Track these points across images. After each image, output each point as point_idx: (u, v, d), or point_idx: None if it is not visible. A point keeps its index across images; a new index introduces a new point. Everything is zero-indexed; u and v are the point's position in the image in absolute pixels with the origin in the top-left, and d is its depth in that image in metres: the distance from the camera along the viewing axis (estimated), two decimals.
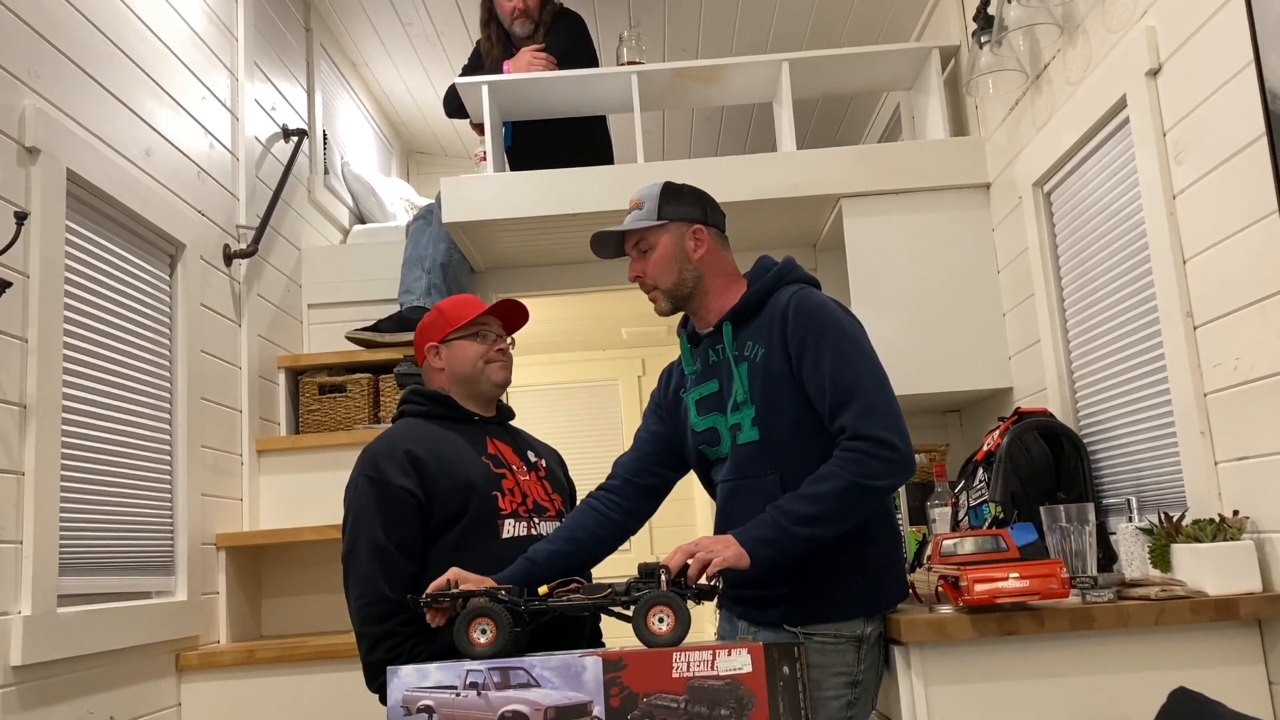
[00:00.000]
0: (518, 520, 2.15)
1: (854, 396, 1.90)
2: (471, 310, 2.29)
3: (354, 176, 4.47)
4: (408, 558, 2.07)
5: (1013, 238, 3.05)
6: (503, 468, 2.21)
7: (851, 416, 1.89)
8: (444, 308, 2.33)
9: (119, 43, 2.68)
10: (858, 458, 1.87)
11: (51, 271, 2.28)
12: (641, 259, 2.11)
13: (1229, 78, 1.95)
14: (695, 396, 2.12)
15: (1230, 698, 1.70)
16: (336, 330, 3.75)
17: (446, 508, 2.10)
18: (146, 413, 2.72)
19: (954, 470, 3.01)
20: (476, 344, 2.27)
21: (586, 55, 3.70)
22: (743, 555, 1.83)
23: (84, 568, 2.41)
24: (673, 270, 2.08)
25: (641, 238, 2.10)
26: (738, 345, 2.05)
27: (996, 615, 1.89)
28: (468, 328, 2.27)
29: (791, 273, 2.10)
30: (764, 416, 1.98)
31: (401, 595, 2.01)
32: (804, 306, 1.99)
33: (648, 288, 2.12)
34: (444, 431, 2.22)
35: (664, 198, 2.10)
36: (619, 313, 6.32)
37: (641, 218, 2.10)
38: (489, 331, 2.30)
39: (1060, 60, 2.67)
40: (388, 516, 2.08)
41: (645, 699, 1.67)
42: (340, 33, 4.42)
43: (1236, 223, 1.96)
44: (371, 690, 2.06)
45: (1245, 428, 1.98)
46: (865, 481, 1.86)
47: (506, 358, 2.31)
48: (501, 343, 2.31)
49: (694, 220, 2.10)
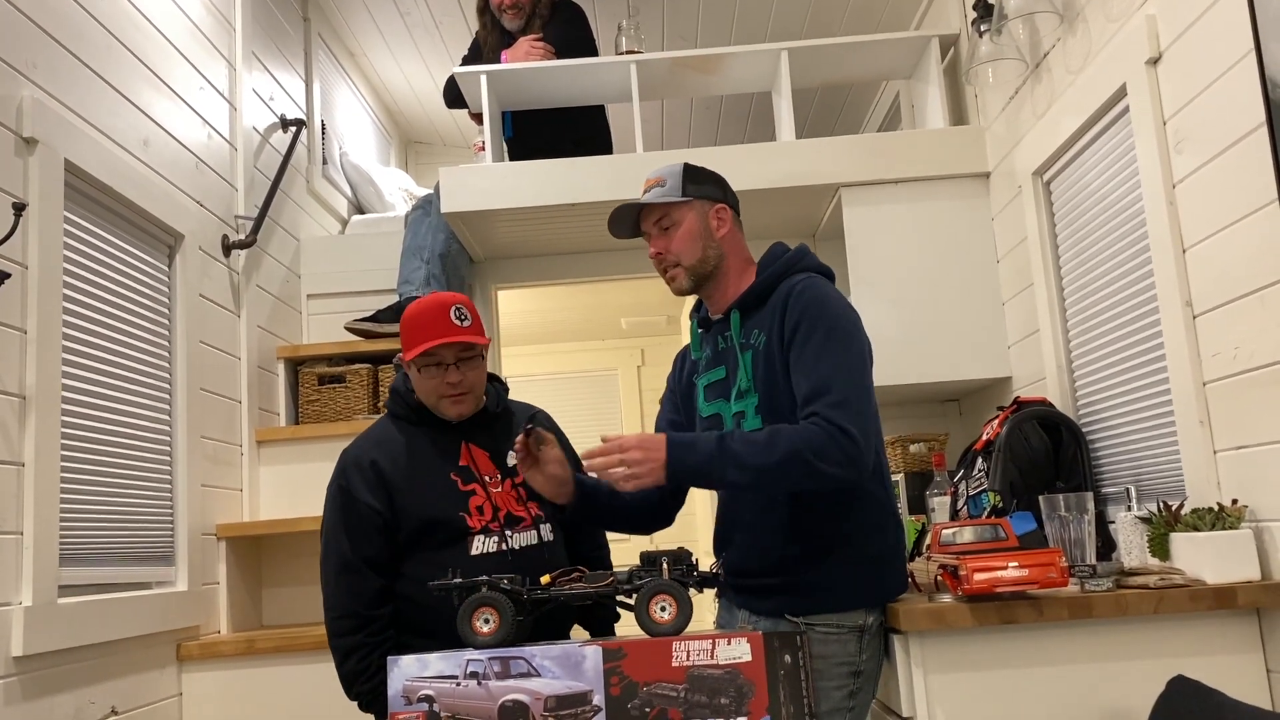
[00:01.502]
0: (488, 535, 2.10)
1: (830, 389, 1.87)
2: (421, 339, 2.09)
3: (352, 167, 4.46)
4: (376, 571, 2.08)
5: (1012, 227, 3.05)
6: (473, 482, 2.14)
7: (823, 405, 1.86)
8: (405, 324, 2.13)
9: (117, 33, 2.67)
10: (819, 436, 1.83)
11: (50, 262, 2.27)
12: (663, 236, 2.08)
13: (1229, 66, 1.95)
14: (704, 382, 2.13)
15: (1229, 686, 1.71)
16: (335, 321, 3.75)
17: (411, 526, 2.09)
18: (146, 403, 2.72)
19: (953, 459, 3.01)
20: (425, 380, 2.12)
21: (585, 44, 3.69)
22: (660, 480, 1.87)
23: (84, 558, 2.41)
24: (696, 247, 2.06)
25: (665, 214, 2.07)
26: (744, 333, 2.05)
27: (996, 604, 1.89)
28: (417, 361, 2.11)
29: (802, 261, 2.08)
30: (767, 404, 1.98)
31: (370, 608, 2.05)
32: (804, 295, 1.98)
33: (668, 264, 2.08)
34: (419, 441, 2.16)
35: (687, 176, 2.08)
36: (618, 303, 6.32)
37: (664, 194, 2.07)
38: (442, 361, 2.10)
39: (1060, 49, 2.66)
40: (354, 532, 2.08)
41: (645, 688, 1.67)
42: (338, 22, 4.40)
43: (1236, 212, 1.96)
44: (350, 699, 2.09)
45: (1244, 417, 1.98)
46: (816, 461, 1.82)
47: (460, 390, 2.12)
48: (455, 374, 2.11)
49: (716, 200, 2.10)
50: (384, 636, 2.07)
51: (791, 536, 1.97)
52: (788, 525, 1.97)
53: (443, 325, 2.09)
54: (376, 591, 2.08)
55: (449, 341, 2.08)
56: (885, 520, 2.01)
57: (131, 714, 2.53)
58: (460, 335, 2.08)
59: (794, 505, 1.97)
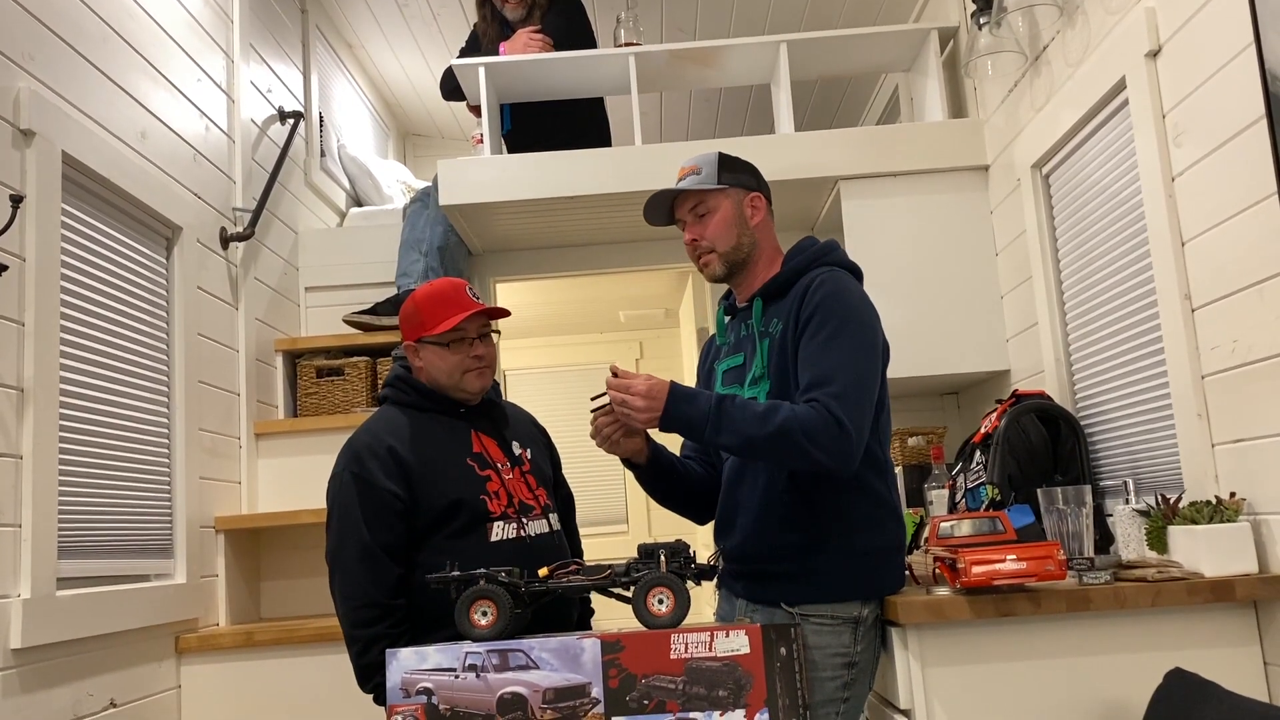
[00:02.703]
0: (506, 522, 2.10)
1: (833, 380, 1.89)
2: (447, 314, 2.12)
3: (350, 159, 4.46)
4: (394, 560, 2.04)
5: (1011, 220, 3.04)
6: (488, 468, 2.14)
7: (823, 393, 1.88)
8: (420, 305, 2.16)
9: (114, 25, 2.66)
10: (815, 421, 1.85)
11: (47, 255, 2.27)
12: (698, 223, 2.10)
13: (1229, 59, 1.95)
14: (724, 367, 2.16)
15: (1226, 679, 1.71)
16: (334, 313, 3.75)
17: (432, 513, 2.07)
18: (144, 396, 2.72)
19: (951, 452, 3.01)
20: (451, 354, 2.13)
21: (583, 37, 3.68)
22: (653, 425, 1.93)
23: (83, 551, 2.41)
24: (732, 234, 2.09)
25: (700, 201, 2.10)
26: (765, 321, 2.07)
27: (993, 597, 1.89)
28: (443, 337, 2.13)
29: (829, 255, 2.10)
30: (779, 392, 1.99)
31: (391, 598, 2.02)
32: (824, 287, 1.99)
33: (703, 251, 2.11)
34: (429, 427, 2.15)
35: (723, 164, 2.11)
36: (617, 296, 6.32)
37: (700, 181, 2.09)
38: (468, 335, 2.15)
39: (1059, 41, 2.66)
40: (373, 519, 2.04)
41: (643, 680, 1.67)
42: (336, 14, 4.39)
43: (1235, 205, 1.96)
44: (365, 691, 2.05)
45: (1242, 410, 1.98)
46: (806, 444, 1.84)
47: (485, 363, 2.16)
48: (480, 346, 2.16)
49: (750, 188, 2.12)
50: (404, 628, 2.03)
51: (790, 525, 1.98)
52: (788, 514, 1.98)
53: (466, 300, 2.15)
54: (396, 580, 2.04)
55: (479, 311, 2.13)
56: (885, 515, 2.01)
57: (130, 706, 2.53)
58: (486, 307, 2.15)
59: (794, 495, 1.98)
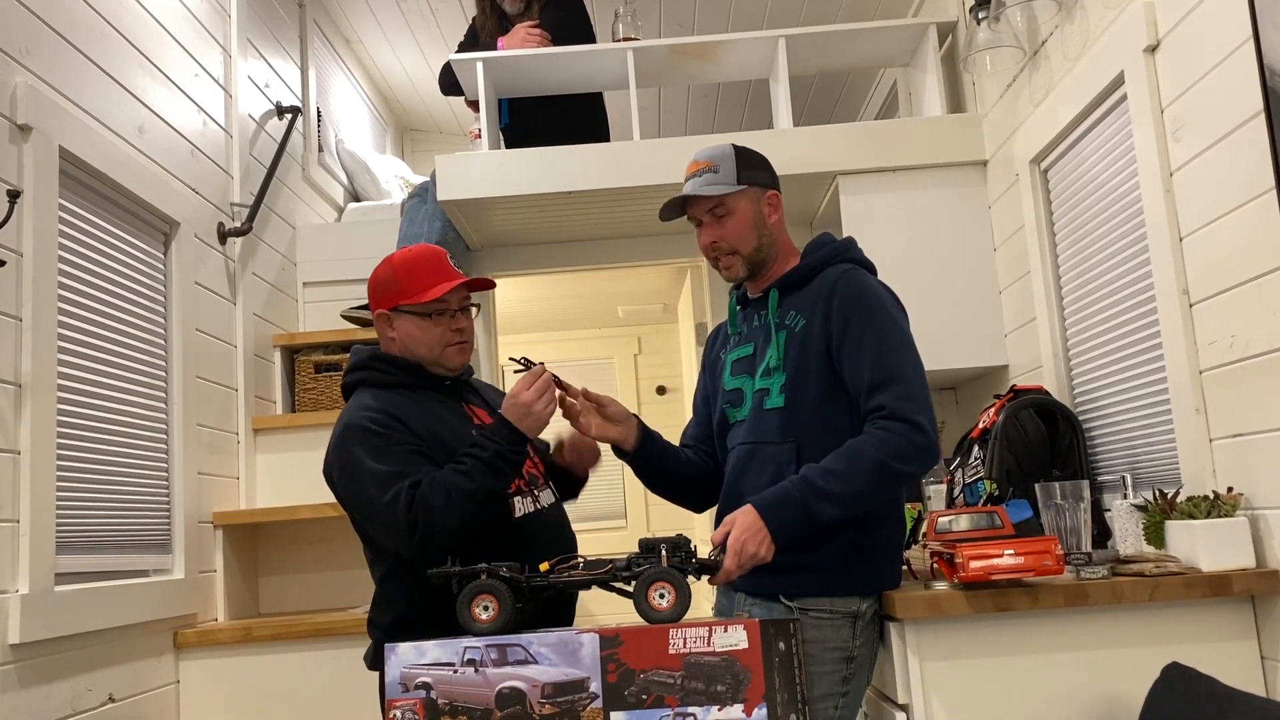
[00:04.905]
0: (523, 497, 2.01)
1: (895, 379, 1.91)
2: (431, 282, 1.99)
3: (348, 154, 4.45)
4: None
5: (1009, 215, 3.04)
6: None
7: (890, 397, 1.89)
8: (399, 271, 2.02)
9: (111, 19, 2.65)
10: (893, 438, 1.87)
11: (45, 250, 2.27)
12: (717, 224, 2.06)
13: (1228, 54, 1.95)
14: (733, 357, 2.15)
15: (1223, 673, 1.71)
16: (332, 309, 3.75)
17: None
18: (142, 391, 2.72)
19: (949, 447, 3.01)
20: (433, 326, 2.00)
21: (582, 32, 3.67)
22: (771, 548, 1.85)
23: (81, 546, 2.41)
24: (753, 236, 2.06)
25: (719, 201, 2.05)
26: (781, 313, 2.06)
27: (991, 591, 1.90)
28: (425, 307, 2.00)
29: (847, 252, 2.09)
30: (793, 384, 1.99)
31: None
32: (852, 287, 1.99)
33: (723, 252, 2.07)
34: (424, 402, 2.01)
35: (740, 161, 2.05)
36: (615, 291, 6.31)
37: (718, 181, 2.04)
38: (449, 307, 2.02)
39: (1058, 36, 2.65)
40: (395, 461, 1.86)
41: (642, 675, 1.68)
42: (334, 9, 4.38)
43: (1234, 200, 1.96)
44: (515, 460, 1.90)
45: (1240, 405, 1.98)
46: (896, 464, 1.86)
47: (466, 338, 2.04)
48: (462, 319, 2.03)
49: (767, 186, 2.09)
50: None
51: None
52: None
53: (449, 269, 2.05)
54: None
55: (462, 283, 2.01)
56: (885, 511, 2.01)
57: (128, 702, 2.53)
58: (470, 278, 2.05)
59: None
